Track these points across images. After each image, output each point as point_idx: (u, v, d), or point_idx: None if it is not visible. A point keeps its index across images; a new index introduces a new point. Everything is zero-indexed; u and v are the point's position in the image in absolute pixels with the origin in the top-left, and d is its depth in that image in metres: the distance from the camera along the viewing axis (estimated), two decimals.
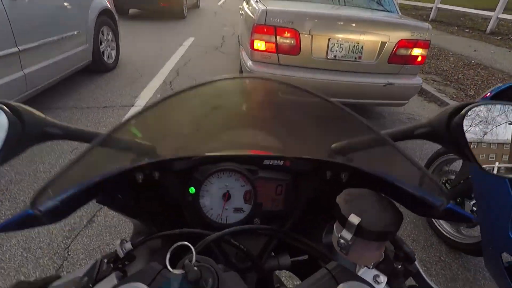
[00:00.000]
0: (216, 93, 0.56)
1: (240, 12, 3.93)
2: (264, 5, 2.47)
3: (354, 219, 0.33)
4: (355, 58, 2.53)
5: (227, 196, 0.48)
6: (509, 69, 4.77)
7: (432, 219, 1.78)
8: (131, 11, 8.31)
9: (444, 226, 1.75)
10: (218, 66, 4.35)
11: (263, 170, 0.50)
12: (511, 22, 7.71)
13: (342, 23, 2.45)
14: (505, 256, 1.19)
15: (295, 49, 2.47)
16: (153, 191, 0.50)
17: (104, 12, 3.59)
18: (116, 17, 3.98)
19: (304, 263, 0.49)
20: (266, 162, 0.49)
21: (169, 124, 0.58)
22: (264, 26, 2.41)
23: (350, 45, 2.48)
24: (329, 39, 2.45)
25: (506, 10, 7.68)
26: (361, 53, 2.51)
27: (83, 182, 0.39)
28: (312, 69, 2.55)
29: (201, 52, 4.95)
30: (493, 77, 4.37)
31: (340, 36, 2.45)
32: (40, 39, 2.50)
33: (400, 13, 3.09)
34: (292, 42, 2.45)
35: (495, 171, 0.43)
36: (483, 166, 0.42)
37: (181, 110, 0.58)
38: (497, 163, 0.42)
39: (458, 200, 1.62)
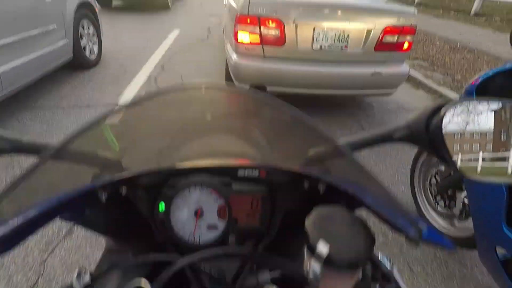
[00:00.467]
0: (186, 100, 0.52)
1: (224, 2, 3.83)
2: None
3: (323, 248, 0.30)
4: (341, 47, 2.49)
5: (199, 213, 0.45)
6: (494, 51, 4.81)
7: (423, 212, 1.76)
8: (114, 2, 8.05)
9: (437, 220, 1.70)
10: (205, 59, 4.25)
11: (237, 183, 0.47)
12: (495, 2, 7.76)
13: (327, 11, 2.39)
14: (500, 250, 1.13)
15: (280, 40, 2.42)
16: (121, 207, 0.46)
17: (83, 4, 3.46)
18: (97, 9, 3.83)
19: (287, 277, 0.47)
20: (241, 173, 0.46)
21: (136, 133, 0.54)
22: (247, 16, 2.34)
23: (335, 34, 2.43)
24: (314, 28, 2.40)
25: None
26: (347, 42, 2.47)
27: (38, 202, 0.35)
28: (298, 60, 2.51)
29: (187, 45, 4.83)
30: (479, 60, 4.40)
31: (326, 25, 2.40)
32: (13, 33, 2.38)
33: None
34: (277, 32, 2.39)
35: (477, 174, 0.41)
36: (462, 169, 0.40)
37: (149, 118, 0.54)
38: (478, 165, 0.41)
39: (449, 193, 1.59)
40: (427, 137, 0.40)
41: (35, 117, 2.53)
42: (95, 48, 3.77)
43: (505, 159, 0.41)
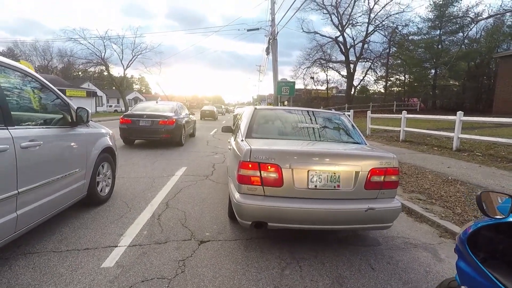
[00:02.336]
0: None
1: (229, 146, 4.31)
2: (249, 145, 2.79)
3: None
4: (334, 186, 2.70)
5: None
6: (485, 184, 5.02)
7: None
8: (136, 141, 9.37)
9: None
10: (208, 196, 4.44)
11: None
12: (472, 140, 8.65)
13: (318, 158, 2.72)
14: None
15: (278, 182, 2.66)
16: None
17: (106, 149, 3.86)
18: (116, 153, 4.31)
19: None
20: None
21: None
22: (249, 162, 2.66)
23: (328, 175, 2.68)
24: (308, 171, 2.66)
25: (463, 129, 8.77)
26: (339, 181, 2.70)
27: None
28: (295, 199, 2.68)
29: (192, 182, 5.14)
30: (473, 193, 4.54)
31: (318, 168, 2.68)
32: (41, 180, 2.54)
33: (367, 144, 3.46)
34: (275, 175, 2.65)
35: None
36: None
37: None
38: None
39: None
40: None
41: (28, 263, 2.43)
42: (107, 189, 4.01)
43: None
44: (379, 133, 13.61)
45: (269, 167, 2.64)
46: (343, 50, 36.65)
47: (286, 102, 18.27)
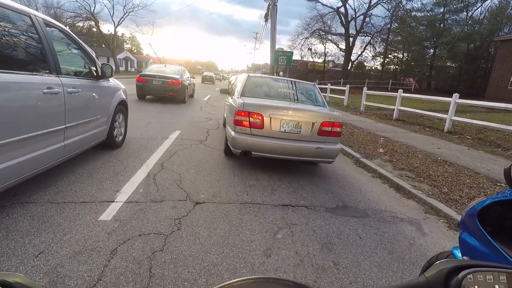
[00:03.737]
0: None
1: (226, 103, 5.93)
2: (242, 100, 4.06)
3: None
4: (297, 131, 3.97)
5: None
6: (472, 166, 5.20)
7: None
8: (147, 96, 11.44)
9: None
10: (203, 160, 4.47)
11: None
12: (463, 123, 8.80)
13: (288, 111, 3.90)
14: None
15: (260, 125, 3.90)
16: None
17: (122, 102, 4.52)
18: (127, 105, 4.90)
19: None
20: None
21: None
22: (242, 111, 3.89)
23: (293, 123, 3.94)
24: (281, 120, 3.91)
25: (457, 112, 8.87)
26: (301, 128, 3.96)
27: None
28: (271, 138, 3.92)
29: (187, 146, 5.14)
30: (461, 174, 4.70)
31: (287, 118, 3.91)
32: (79, 120, 3.20)
33: (327, 107, 4.59)
34: (259, 121, 3.88)
35: None
36: None
37: None
38: None
39: None
40: None
41: (26, 212, 2.45)
42: (120, 137, 4.68)
43: None
44: (373, 111, 13.68)
45: (255, 115, 3.87)
46: (344, 22, 35.33)
47: (281, 73, 17.87)
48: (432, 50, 36.07)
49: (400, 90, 11.24)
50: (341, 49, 39.42)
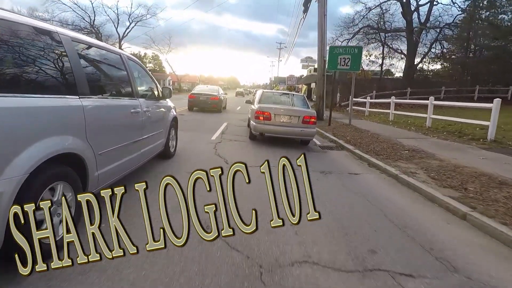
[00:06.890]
0: None
1: (249, 109, 9.46)
2: (259, 105, 7.51)
3: None
4: (290, 122, 7.21)
5: None
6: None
7: None
8: (194, 108, 15.81)
9: None
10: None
11: None
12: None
13: (285, 111, 7.31)
14: None
15: (269, 119, 7.21)
16: None
17: (174, 118, 5.35)
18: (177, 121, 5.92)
19: None
20: None
21: None
22: (259, 111, 7.29)
23: (288, 118, 7.22)
24: (281, 115, 7.28)
25: None
26: (292, 120, 7.21)
27: None
28: (275, 125, 7.20)
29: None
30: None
31: (285, 114, 7.25)
32: (149, 133, 3.81)
33: (310, 108, 7.95)
34: (268, 116, 7.23)
35: None
36: None
37: None
38: None
39: None
40: None
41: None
42: (172, 149, 5.39)
43: None
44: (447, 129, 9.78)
45: (266, 113, 7.16)
46: (405, 13, 25.80)
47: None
48: None
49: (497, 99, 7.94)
50: (397, 50, 29.02)
